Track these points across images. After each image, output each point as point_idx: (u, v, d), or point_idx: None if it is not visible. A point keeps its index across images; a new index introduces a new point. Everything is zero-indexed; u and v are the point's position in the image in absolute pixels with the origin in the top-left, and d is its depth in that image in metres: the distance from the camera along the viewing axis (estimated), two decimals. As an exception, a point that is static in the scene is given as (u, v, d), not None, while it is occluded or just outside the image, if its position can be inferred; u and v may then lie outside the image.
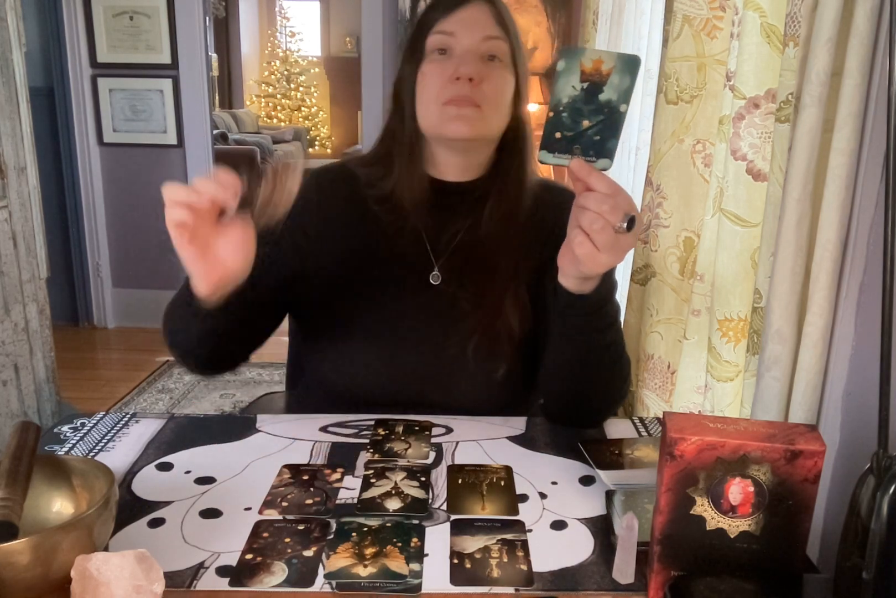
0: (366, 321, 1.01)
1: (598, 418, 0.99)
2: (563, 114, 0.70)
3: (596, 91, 0.70)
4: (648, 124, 1.66)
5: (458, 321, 1.00)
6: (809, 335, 0.80)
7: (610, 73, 0.69)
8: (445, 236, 1.03)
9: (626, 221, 0.72)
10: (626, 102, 0.70)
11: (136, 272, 3.66)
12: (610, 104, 0.70)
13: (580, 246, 0.73)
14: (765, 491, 0.60)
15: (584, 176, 0.72)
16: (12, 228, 2.14)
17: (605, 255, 0.74)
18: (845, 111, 0.74)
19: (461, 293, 1.01)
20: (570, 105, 0.70)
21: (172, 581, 0.65)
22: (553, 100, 0.70)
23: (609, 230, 0.72)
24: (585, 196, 0.73)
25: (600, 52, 0.69)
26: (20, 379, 2.21)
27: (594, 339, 0.89)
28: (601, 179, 0.72)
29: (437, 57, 0.96)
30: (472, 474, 0.85)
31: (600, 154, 0.73)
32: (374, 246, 1.02)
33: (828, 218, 0.77)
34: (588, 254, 0.74)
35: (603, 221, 0.72)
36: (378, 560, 0.68)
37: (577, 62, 0.69)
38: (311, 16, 9.38)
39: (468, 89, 0.93)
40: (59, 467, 0.70)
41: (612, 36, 1.93)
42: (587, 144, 0.72)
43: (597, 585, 0.66)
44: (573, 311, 0.85)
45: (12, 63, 2.15)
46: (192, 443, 0.92)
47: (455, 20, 0.95)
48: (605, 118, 0.71)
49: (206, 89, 3.43)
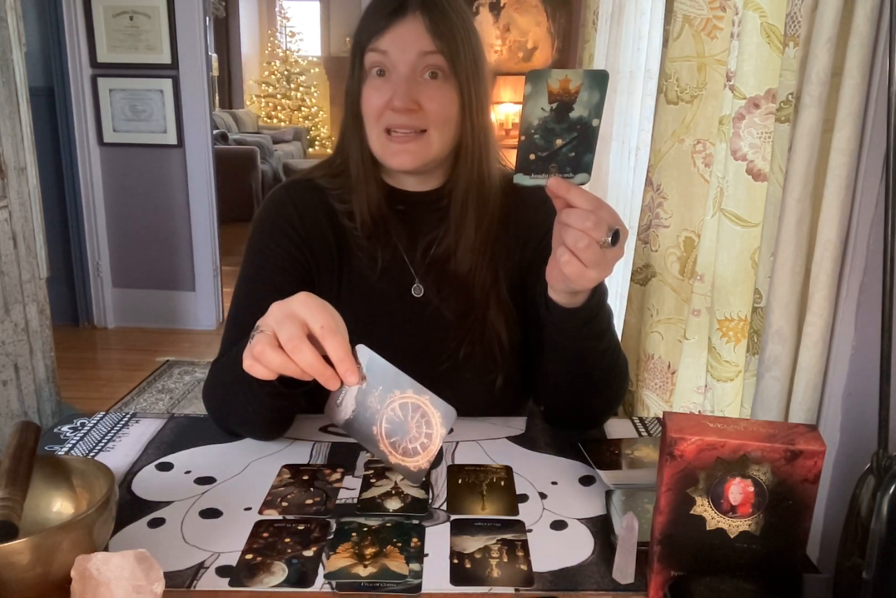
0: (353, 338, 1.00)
1: (600, 420, 0.99)
2: (534, 136, 0.69)
3: (566, 109, 0.68)
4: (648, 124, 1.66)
5: (446, 333, 0.99)
6: (809, 335, 0.80)
7: (579, 91, 0.68)
8: (420, 247, 1.01)
9: (611, 235, 0.71)
10: (597, 116, 0.69)
11: (136, 272, 3.66)
12: (582, 120, 0.69)
13: (567, 265, 0.72)
14: (765, 491, 0.60)
15: (563, 193, 0.71)
16: (12, 228, 2.14)
17: (594, 270, 0.73)
18: (845, 111, 0.74)
19: (445, 305, 1.00)
20: (541, 127, 0.69)
21: (172, 581, 0.65)
22: (523, 124, 0.69)
23: (595, 247, 0.71)
24: (567, 213, 0.72)
25: (566, 72, 0.68)
26: (20, 379, 2.21)
27: (590, 347, 0.88)
28: (581, 194, 0.71)
29: (376, 79, 0.92)
30: (472, 474, 0.85)
31: (577, 170, 0.72)
32: (354, 261, 1.01)
33: (828, 218, 0.77)
34: (577, 272, 0.73)
35: (588, 239, 0.71)
36: (378, 560, 0.68)
37: (543, 85, 0.67)
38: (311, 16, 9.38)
39: (406, 118, 0.90)
40: (59, 467, 0.70)
41: (612, 36, 1.93)
42: (563, 161, 0.71)
43: (597, 585, 0.66)
44: (566, 324, 0.84)
45: (12, 63, 2.15)
46: (192, 443, 0.91)
47: (389, 37, 0.90)
48: (579, 135, 0.70)
49: (206, 89, 3.43)
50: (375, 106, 0.92)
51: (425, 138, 0.93)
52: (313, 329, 0.68)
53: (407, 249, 1.01)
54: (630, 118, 1.88)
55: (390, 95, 0.91)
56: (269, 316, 0.70)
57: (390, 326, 1.00)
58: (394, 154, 0.93)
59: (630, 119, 1.88)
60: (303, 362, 0.66)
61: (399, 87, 0.90)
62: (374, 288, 1.00)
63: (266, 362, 0.67)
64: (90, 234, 3.56)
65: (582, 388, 0.92)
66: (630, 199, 1.88)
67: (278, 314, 0.69)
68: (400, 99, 0.90)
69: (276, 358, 0.67)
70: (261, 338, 0.68)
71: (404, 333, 1.00)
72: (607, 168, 2.01)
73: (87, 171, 3.49)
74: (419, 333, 1.00)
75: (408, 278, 1.01)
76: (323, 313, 0.69)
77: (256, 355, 0.68)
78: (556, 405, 0.97)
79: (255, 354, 0.68)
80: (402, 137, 0.92)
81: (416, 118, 0.91)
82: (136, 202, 3.57)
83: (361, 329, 1.00)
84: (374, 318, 1.00)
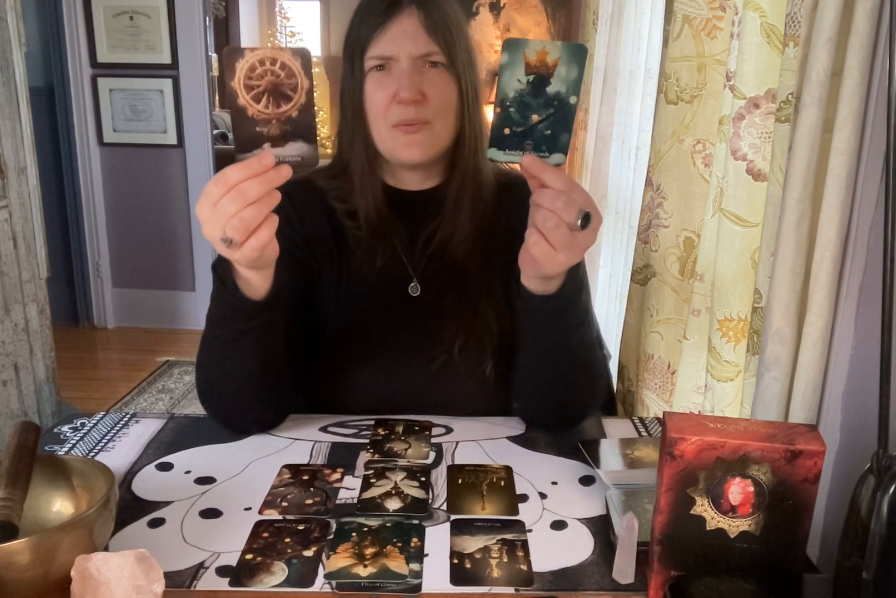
0: (352, 339, 1.00)
1: (573, 420, 0.97)
2: (510, 109, 0.68)
3: (543, 84, 0.67)
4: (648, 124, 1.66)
5: (442, 329, 0.99)
6: (809, 335, 0.80)
7: (556, 65, 0.67)
8: (418, 246, 1.01)
9: (581, 217, 0.69)
10: (575, 93, 0.68)
11: (136, 272, 3.66)
12: (559, 96, 0.68)
13: (535, 245, 0.71)
14: (765, 491, 0.60)
15: (538, 172, 0.70)
16: (12, 228, 2.14)
17: (562, 254, 0.72)
18: (845, 111, 0.74)
19: (441, 301, 1.00)
20: (517, 99, 0.68)
21: (172, 581, 0.65)
22: (499, 95, 0.68)
23: (563, 228, 0.70)
24: (539, 193, 0.70)
25: (544, 43, 0.67)
26: (20, 379, 2.21)
27: (562, 339, 0.87)
28: (555, 174, 0.70)
29: (377, 74, 0.93)
30: (472, 474, 0.85)
31: (553, 149, 0.70)
32: (353, 261, 1.01)
33: (828, 218, 0.77)
34: (544, 253, 0.71)
35: (556, 219, 0.69)
36: (378, 560, 0.68)
37: (520, 54, 0.66)
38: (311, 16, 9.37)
39: (413, 111, 0.91)
40: (59, 467, 0.70)
41: (612, 36, 1.93)
42: (539, 139, 0.69)
43: (597, 585, 0.66)
44: (537, 313, 0.84)
45: (12, 63, 2.15)
46: (192, 443, 0.91)
47: (387, 36, 0.91)
48: (556, 112, 0.68)
49: (206, 89, 3.43)
50: (381, 101, 0.92)
51: (431, 129, 0.93)
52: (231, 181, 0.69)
53: (405, 248, 1.02)
54: (630, 118, 1.88)
55: (395, 88, 0.91)
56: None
57: (387, 324, 1.00)
58: (404, 146, 0.93)
59: (630, 119, 1.88)
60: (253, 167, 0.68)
61: (403, 78, 0.90)
62: (371, 287, 1.01)
63: (221, 211, 0.68)
64: (90, 234, 3.56)
65: (553, 385, 0.91)
66: (630, 199, 1.88)
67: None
68: (406, 89, 0.90)
69: (225, 204, 0.68)
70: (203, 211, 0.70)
71: (401, 331, 1.00)
72: (607, 168, 2.01)
73: (87, 171, 3.49)
74: (416, 331, 1.00)
75: (405, 277, 1.01)
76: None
77: (207, 216, 0.70)
78: (527, 399, 0.97)
79: (205, 216, 0.70)
80: (410, 127, 0.92)
81: (422, 110, 0.92)
82: (136, 202, 3.57)
83: (359, 328, 1.01)
84: (371, 317, 1.00)
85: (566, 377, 0.91)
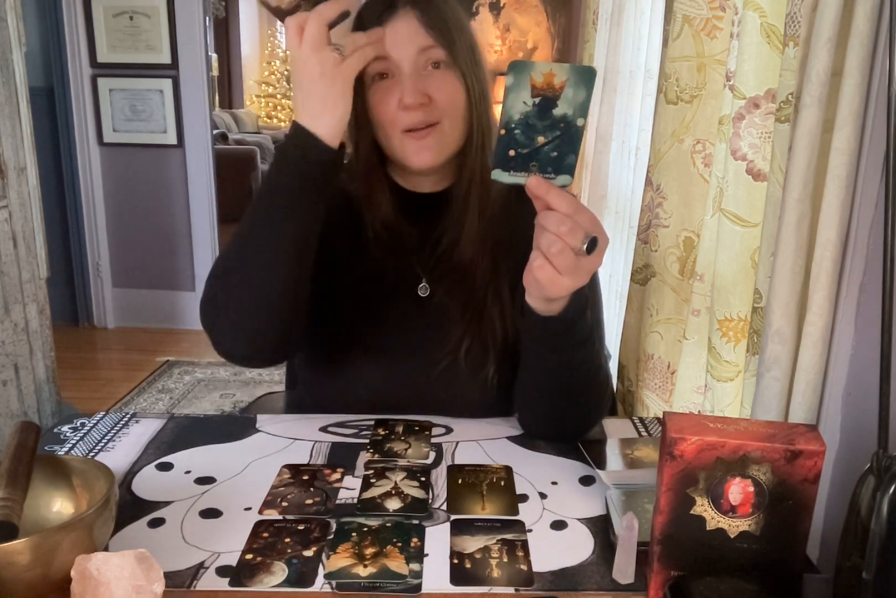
0: (360, 339, 1.00)
1: (574, 434, 0.96)
2: (515, 131, 0.67)
3: (549, 106, 0.66)
4: (648, 124, 1.66)
5: (448, 330, 0.99)
6: (809, 335, 0.80)
7: (563, 87, 0.65)
8: (428, 248, 1.01)
9: (587, 242, 0.68)
10: (583, 115, 0.66)
11: (136, 272, 3.66)
12: (566, 119, 0.66)
13: (540, 270, 0.70)
14: (765, 491, 0.60)
15: (543, 194, 0.68)
16: (12, 228, 2.14)
17: (567, 278, 0.70)
18: (845, 111, 0.74)
19: (450, 303, 1.00)
20: (522, 121, 0.66)
21: (172, 581, 0.65)
22: (504, 117, 0.66)
23: (568, 253, 0.68)
24: (545, 215, 0.69)
25: (551, 65, 0.65)
26: (20, 379, 2.21)
27: (565, 357, 0.86)
28: (561, 196, 0.68)
29: (381, 82, 0.92)
30: (472, 475, 0.85)
31: (559, 171, 0.69)
32: (366, 262, 1.01)
33: (828, 218, 0.77)
34: (549, 277, 0.70)
35: (561, 244, 0.68)
36: (378, 560, 0.68)
37: (526, 77, 0.65)
38: (310, 16, 9.38)
39: (421, 115, 0.90)
40: (59, 467, 0.70)
41: (612, 36, 1.93)
42: (544, 160, 0.68)
43: (597, 585, 0.66)
44: (540, 332, 0.83)
45: (12, 63, 2.15)
46: (192, 443, 0.92)
47: (385, 42, 0.90)
48: (562, 134, 0.67)
49: (206, 89, 3.43)
50: (388, 110, 0.91)
51: (440, 130, 0.92)
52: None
53: (416, 250, 1.01)
54: (630, 118, 1.88)
55: (399, 95, 0.90)
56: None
57: (395, 326, 1.00)
58: (415, 153, 0.93)
59: (630, 119, 1.88)
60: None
61: (406, 84, 0.90)
62: (381, 288, 1.01)
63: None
64: (90, 234, 3.56)
65: (556, 400, 0.90)
66: (630, 199, 1.88)
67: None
68: (410, 95, 0.89)
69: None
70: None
71: (409, 333, 1.00)
72: (607, 168, 2.01)
73: (87, 171, 3.49)
74: (423, 332, 1.00)
75: (415, 279, 1.01)
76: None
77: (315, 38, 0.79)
78: (528, 412, 0.96)
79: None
80: (420, 132, 0.92)
81: (429, 112, 0.91)
82: (136, 202, 3.57)
83: (367, 329, 1.00)
84: (379, 318, 1.00)
85: (567, 393, 0.90)
